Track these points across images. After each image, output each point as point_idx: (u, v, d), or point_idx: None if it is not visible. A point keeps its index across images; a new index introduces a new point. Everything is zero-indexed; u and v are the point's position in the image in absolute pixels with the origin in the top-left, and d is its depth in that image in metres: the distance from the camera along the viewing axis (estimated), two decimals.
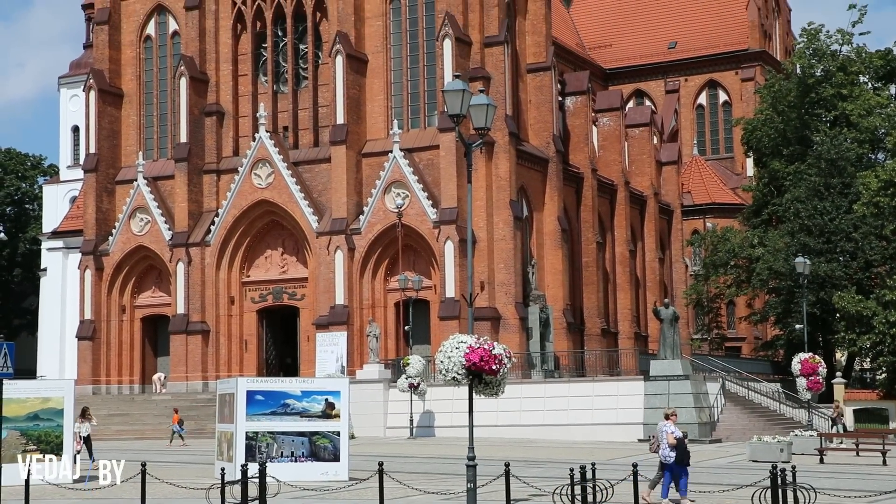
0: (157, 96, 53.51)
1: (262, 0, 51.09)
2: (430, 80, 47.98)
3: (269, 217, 49.96)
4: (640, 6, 72.40)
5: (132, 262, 52.15)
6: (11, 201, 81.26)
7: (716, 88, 68.38)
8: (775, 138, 52.03)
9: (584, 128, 54.58)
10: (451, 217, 45.07)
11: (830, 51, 51.29)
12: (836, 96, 50.13)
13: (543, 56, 49.99)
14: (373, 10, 48.75)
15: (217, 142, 51.23)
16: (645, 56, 69.36)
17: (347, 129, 47.46)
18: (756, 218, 53.57)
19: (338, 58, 47.71)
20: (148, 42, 53.90)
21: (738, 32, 67.93)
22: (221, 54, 51.59)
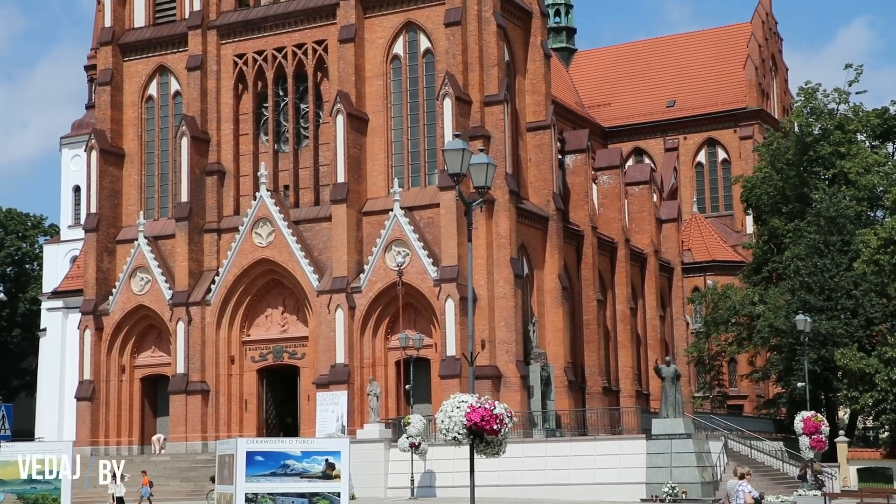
0: (158, 156, 53.73)
1: (263, 61, 51.46)
2: (430, 138, 48.20)
3: (269, 276, 49.95)
4: (638, 65, 72.92)
5: (132, 321, 52.03)
6: (12, 261, 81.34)
7: (715, 146, 68.66)
8: (774, 196, 52.18)
9: (584, 186, 54.73)
10: (452, 275, 45.04)
11: (828, 109, 51.61)
12: (835, 154, 50.36)
13: (543, 115, 50.26)
14: (373, 69, 49.09)
15: (218, 201, 51.34)
16: (644, 114, 69.73)
17: (348, 188, 47.59)
18: (756, 275, 53.57)
19: (338, 117, 47.96)
20: (150, 102, 54.21)
21: (736, 91, 68.37)
22: (223, 114, 51.87)
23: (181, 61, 52.70)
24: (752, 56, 68.37)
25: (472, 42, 47.13)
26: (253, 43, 51.64)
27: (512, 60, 49.70)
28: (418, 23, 48.56)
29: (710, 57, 71.58)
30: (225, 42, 52.09)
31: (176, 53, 53.13)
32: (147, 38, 53.86)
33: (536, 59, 50.68)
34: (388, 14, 49.08)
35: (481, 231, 45.29)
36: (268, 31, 51.40)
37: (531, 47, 50.77)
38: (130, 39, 54.12)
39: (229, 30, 51.96)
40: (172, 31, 53.33)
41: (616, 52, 76.24)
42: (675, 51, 73.13)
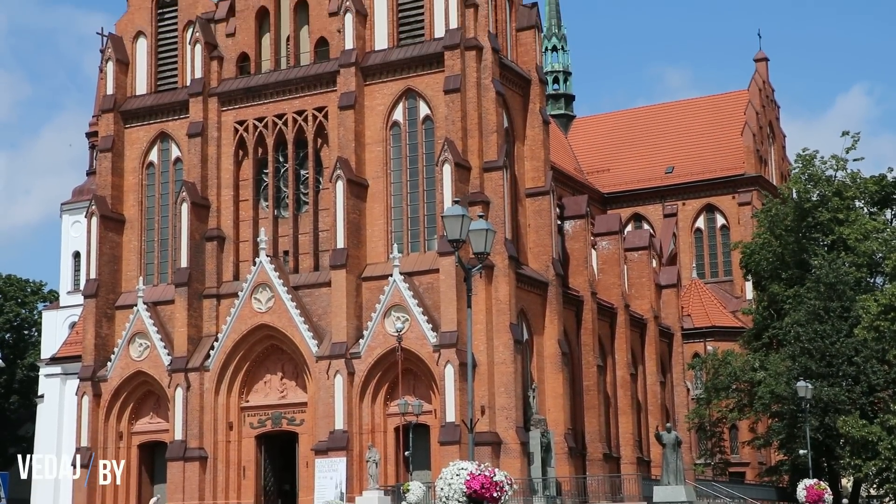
0: (158, 221, 53.85)
1: (263, 127, 51.77)
2: (429, 204, 48.34)
3: (268, 341, 49.82)
4: (636, 132, 73.39)
5: (130, 387, 51.80)
6: (10, 327, 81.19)
7: (713, 212, 68.89)
8: (774, 262, 52.17)
9: (584, 251, 54.80)
10: (452, 341, 44.92)
11: (825, 176, 51.77)
12: (833, 221, 50.44)
13: (542, 181, 50.46)
14: (373, 136, 49.37)
15: (217, 266, 51.36)
16: (643, 180, 70.04)
17: (347, 254, 47.63)
18: (757, 341, 53.39)
19: (338, 183, 48.14)
20: (150, 168, 54.46)
21: (734, 158, 68.74)
22: (223, 180, 52.08)
23: (182, 128, 53.03)
24: (749, 123, 68.83)
25: (471, 109, 47.46)
26: (254, 110, 52.00)
27: (511, 127, 50.00)
28: (418, 90, 48.93)
29: (707, 124, 72.07)
30: (226, 109, 52.47)
31: (177, 120, 53.49)
32: (149, 105, 54.26)
33: (535, 125, 51.00)
34: (387, 81, 49.48)
35: (481, 297, 45.25)
36: (268, 98, 51.78)
37: (530, 114, 51.12)
38: (132, 107, 54.51)
39: (230, 97, 52.36)
40: (174, 99, 53.74)
41: (614, 119, 76.78)
42: (673, 117, 73.64)
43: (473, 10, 48.05)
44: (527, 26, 51.74)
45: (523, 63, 51.34)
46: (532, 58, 51.48)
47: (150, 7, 55.07)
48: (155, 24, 55.12)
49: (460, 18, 47.81)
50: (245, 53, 52.86)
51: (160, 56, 55.08)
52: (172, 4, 54.95)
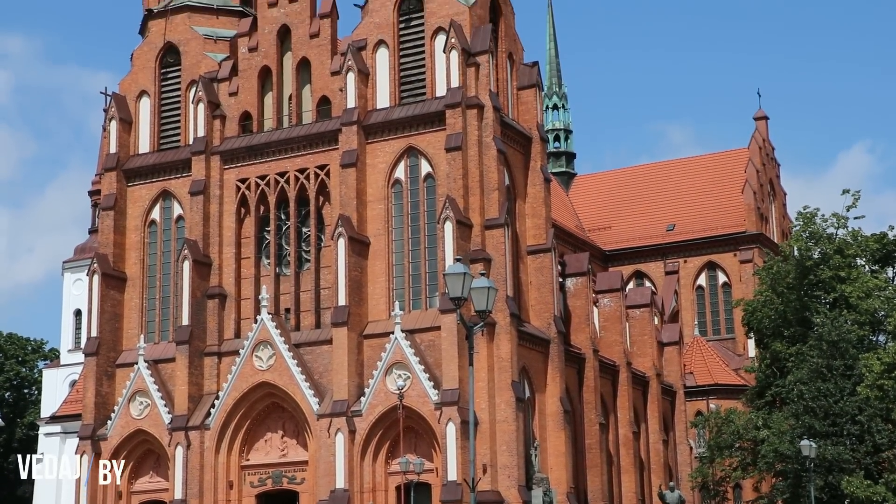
0: (160, 279, 53.87)
1: (265, 185, 51.96)
2: (431, 261, 48.37)
3: (269, 399, 49.63)
4: (637, 189, 73.61)
5: (130, 446, 51.51)
6: (10, 386, 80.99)
7: (715, 270, 68.90)
8: (776, 319, 52.06)
9: (585, 308, 54.74)
10: (453, 399, 44.73)
11: (826, 234, 51.82)
12: (835, 278, 50.40)
13: (543, 238, 50.54)
14: (374, 194, 49.53)
15: (219, 324, 51.30)
16: (644, 238, 70.14)
17: (349, 311, 47.58)
18: (760, 399, 53.12)
19: (340, 241, 48.22)
20: (152, 226, 54.58)
21: (735, 215, 68.88)
22: (225, 238, 52.18)
23: (184, 186, 53.23)
24: (750, 181, 69.06)
25: (472, 166, 47.65)
26: (256, 168, 52.23)
27: (512, 184, 50.18)
28: (419, 148, 49.17)
29: (708, 182, 72.30)
30: (228, 167, 52.71)
31: (179, 178, 53.72)
32: (151, 163, 54.52)
33: (536, 183, 51.18)
34: (389, 139, 49.74)
35: (482, 354, 45.15)
36: (270, 156, 52.04)
37: (531, 172, 51.32)
38: (135, 165, 54.77)
39: (232, 155, 52.62)
40: (176, 157, 54.01)
41: (615, 177, 77.03)
42: (674, 175, 73.89)
43: (475, 68, 48.42)
44: (528, 85, 52.09)
45: (524, 121, 51.63)
46: (533, 116, 51.78)
47: (153, 67, 55.51)
48: (158, 83, 55.55)
49: (462, 77, 48.16)
50: (247, 112, 53.19)
51: (163, 115, 55.45)
52: (176, 64, 55.40)
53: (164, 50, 55.57)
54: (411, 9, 50.77)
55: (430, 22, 49.85)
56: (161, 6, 56.11)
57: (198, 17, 55.44)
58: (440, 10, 49.58)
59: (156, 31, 55.83)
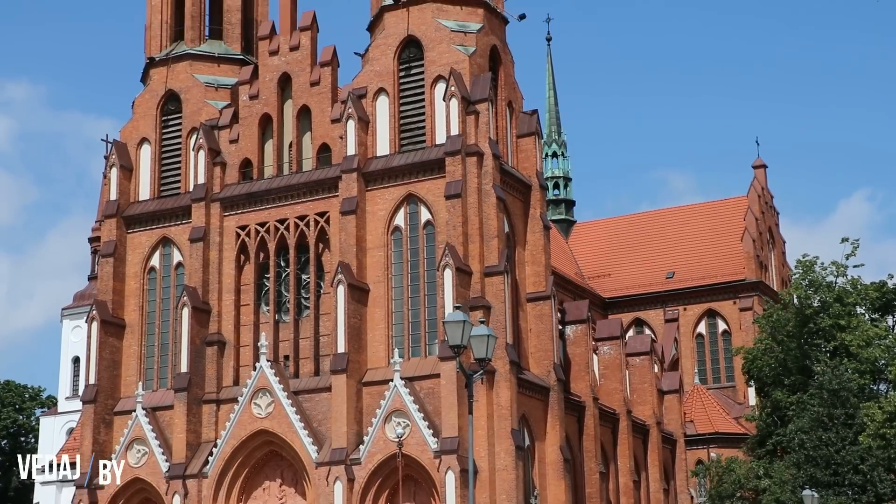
0: (158, 326, 53.77)
1: (265, 232, 52.00)
2: (430, 308, 48.30)
3: (268, 447, 49.35)
4: (637, 237, 73.69)
5: (127, 494, 51.14)
6: (7, 434, 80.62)
7: (715, 318, 68.83)
8: (776, 368, 51.98)
9: (585, 356, 54.61)
10: (453, 447, 44.49)
11: (826, 282, 51.83)
12: (835, 327, 50.37)
13: (543, 286, 50.50)
14: (374, 241, 49.56)
15: (217, 371, 51.14)
16: (644, 285, 70.11)
17: (348, 358, 47.45)
18: (761, 448, 52.92)
19: (339, 287, 48.18)
20: (152, 273, 54.56)
21: (734, 263, 68.91)
22: (224, 285, 52.13)
23: (184, 233, 53.28)
24: (749, 229, 69.17)
25: (472, 214, 47.72)
26: (256, 215, 52.30)
27: (512, 232, 50.23)
28: (419, 195, 49.28)
29: (708, 229, 72.41)
30: (228, 214, 52.79)
31: (179, 225, 53.78)
32: (151, 210, 54.60)
33: (536, 230, 51.23)
34: (389, 187, 49.85)
35: (482, 402, 44.96)
36: (271, 203, 52.13)
37: (531, 219, 51.39)
38: (135, 212, 54.86)
39: (233, 202, 52.72)
40: (176, 204, 54.11)
41: (614, 224, 77.14)
42: (674, 223, 74.01)
43: (474, 116, 48.62)
44: (527, 133, 52.30)
45: (524, 169, 51.78)
46: (532, 164, 51.94)
47: (154, 114, 55.76)
48: (159, 130, 55.77)
49: (461, 125, 48.36)
50: (248, 159, 53.36)
51: (164, 162, 55.61)
52: (177, 111, 55.65)
53: (165, 97, 55.85)
54: (411, 57, 51.08)
55: (430, 70, 50.14)
56: (163, 54, 56.46)
57: (199, 65, 55.74)
58: (440, 59, 49.88)
59: (157, 79, 56.13)
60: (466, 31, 50.43)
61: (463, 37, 50.21)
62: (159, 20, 57.06)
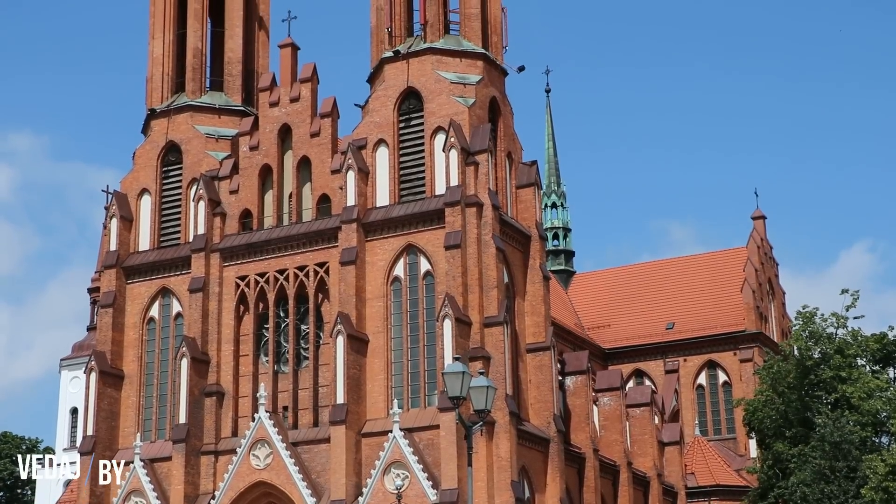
0: (157, 377, 53.60)
1: (265, 283, 51.99)
2: (430, 359, 48.18)
3: (266, 499, 49.01)
4: (636, 288, 73.66)
5: None
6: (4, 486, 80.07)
7: (715, 369, 68.62)
8: (777, 420, 51.73)
9: (585, 407, 54.39)
10: (452, 499, 44.17)
11: (826, 334, 51.72)
12: (836, 379, 50.19)
13: (543, 336, 50.41)
14: (374, 291, 49.53)
15: (216, 422, 50.91)
16: (644, 336, 69.98)
17: (347, 409, 47.25)
18: (762, 501, 52.54)
19: (339, 338, 48.09)
20: (151, 324, 54.49)
21: (734, 314, 68.82)
22: (223, 335, 52.05)
23: (184, 283, 53.26)
24: (748, 280, 69.15)
25: (471, 264, 47.74)
26: (255, 265, 52.32)
27: (511, 282, 50.21)
28: (419, 245, 49.31)
29: (707, 280, 72.40)
30: (228, 264, 52.81)
31: (179, 276, 53.78)
32: (151, 261, 54.64)
33: (536, 281, 51.23)
34: (388, 237, 49.91)
35: (482, 454, 44.69)
36: (270, 253, 52.17)
37: (530, 270, 51.41)
38: (134, 262, 54.89)
39: (232, 253, 52.76)
40: (176, 255, 54.14)
41: (614, 275, 77.16)
42: (673, 273, 74.02)
43: (474, 167, 48.77)
44: (526, 184, 52.45)
45: (523, 219, 51.88)
46: (532, 214, 52.04)
47: (155, 165, 55.95)
48: (159, 181, 55.94)
49: (461, 176, 48.50)
50: (248, 210, 53.46)
51: (164, 212, 55.72)
52: (177, 162, 55.85)
53: (165, 148, 56.08)
54: (411, 108, 51.34)
55: (430, 121, 50.37)
56: (164, 106, 56.76)
57: (200, 117, 56.03)
58: (440, 110, 50.14)
59: (158, 130, 56.40)
60: (466, 82, 50.72)
61: (462, 88, 50.49)
62: (160, 72, 57.41)
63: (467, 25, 52.21)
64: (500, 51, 53.28)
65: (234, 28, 57.96)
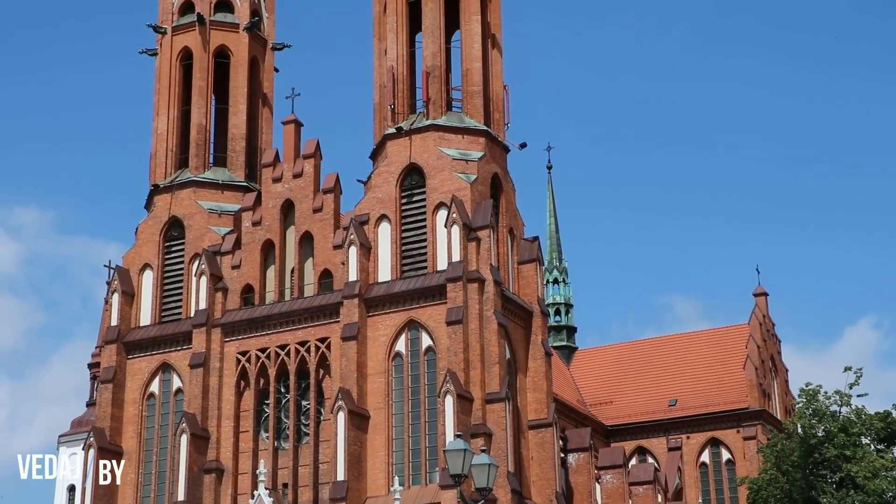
0: (156, 453, 53.23)
1: (266, 358, 51.84)
2: (431, 436, 47.86)
3: None
4: (638, 364, 73.35)
5: None
6: None
7: (718, 446, 68.08)
8: (781, 499, 51.12)
9: (588, 485, 53.91)
10: None
11: (830, 411, 51.37)
12: (840, 457, 49.70)
13: (545, 413, 50.15)
14: (375, 367, 49.36)
15: (215, 499, 50.42)
16: (646, 413, 69.52)
17: (347, 486, 46.85)
18: None
19: (340, 414, 47.83)
20: (151, 399, 54.23)
21: (737, 391, 68.45)
22: (224, 411, 51.78)
23: (184, 359, 53.12)
24: (751, 357, 68.86)
25: (473, 340, 47.63)
26: (257, 340, 52.20)
27: (513, 358, 50.05)
28: (420, 321, 49.24)
29: (710, 356, 72.09)
30: (229, 340, 52.70)
31: (180, 351, 53.67)
32: (152, 336, 54.55)
33: (537, 357, 51.08)
34: (390, 313, 49.86)
35: None
36: (272, 329, 52.09)
37: (532, 346, 51.29)
38: (135, 338, 54.80)
39: (234, 328, 52.68)
40: (177, 330, 54.07)
41: (616, 351, 76.88)
42: (675, 350, 73.73)
43: (476, 243, 48.87)
44: (528, 259, 52.53)
45: (525, 295, 51.86)
46: (533, 290, 52.03)
47: (157, 240, 56.11)
48: (162, 256, 56.05)
49: (463, 251, 48.59)
50: (250, 285, 53.49)
51: (165, 287, 55.75)
52: (180, 237, 56.00)
53: (168, 224, 56.27)
54: (413, 184, 51.60)
55: (432, 197, 50.59)
56: (167, 181, 57.07)
57: (203, 192, 56.30)
58: (442, 186, 50.38)
59: (161, 206, 56.64)
60: (468, 158, 51.04)
61: (465, 164, 50.79)
62: (164, 148, 57.83)
63: (469, 102, 52.67)
64: (501, 127, 53.68)
65: (238, 105, 58.50)
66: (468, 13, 53.48)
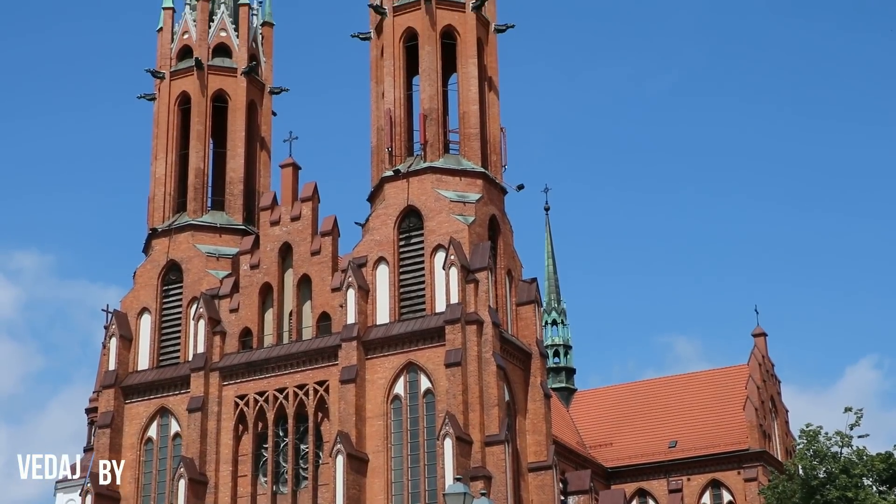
0: (154, 499, 52.89)
1: (264, 401, 51.64)
2: (430, 478, 47.57)
3: None
4: (638, 406, 73.09)
5: None
6: None
7: (719, 488, 67.65)
8: None
9: None
10: None
11: (831, 453, 51.12)
12: (842, 499, 49.41)
13: (545, 455, 49.92)
14: (374, 410, 49.17)
15: None
16: (646, 455, 69.18)
17: None
18: None
19: (338, 457, 47.57)
20: (149, 444, 53.97)
21: (737, 432, 68.15)
22: (222, 455, 51.51)
23: (182, 403, 52.90)
24: (751, 398, 68.63)
25: (472, 382, 47.47)
26: (255, 384, 52.03)
27: (512, 400, 49.88)
28: (419, 363, 49.10)
29: (710, 397, 71.84)
30: (227, 383, 52.53)
31: (178, 395, 53.47)
32: (150, 380, 54.38)
33: (537, 399, 50.91)
34: (389, 355, 49.72)
35: None
36: (270, 372, 51.92)
37: (531, 388, 51.13)
38: (133, 382, 54.62)
39: (232, 371, 52.52)
40: (175, 374, 53.91)
41: (616, 392, 76.63)
42: (675, 391, 73.49)
43: (474, 285, 48.84)
44: (527, 301, 52.47)
45: (524, 337, 51.76)
46: (532, 332, 51.95)
47: (155, 284, 56.06)
48: (160, 300, 55.98)
49: (461, 293, 48.53)
50: (248, 328, 53.38)
51: (163, 331, 55.64)
52: (178, 281, 55.96)
53: (166, 268, 56.25)
54: (411, 226, 51.64)
55: (430, 239, 50.61)
56: (165, 225, 57.12)
57: (201, 236, 56.33)
58: (440, 228, 50.41)
59: (159, 250, 56.65)
60: (466, 201, 51.12)
61: (462, 206, 50.85)
62: (162, 192, 57.94)
63: (467, 145, 52.82)
64: (499, 169, 53.81)
65: (236, 149, 58.70)
66: (465, 56, 53.78)
